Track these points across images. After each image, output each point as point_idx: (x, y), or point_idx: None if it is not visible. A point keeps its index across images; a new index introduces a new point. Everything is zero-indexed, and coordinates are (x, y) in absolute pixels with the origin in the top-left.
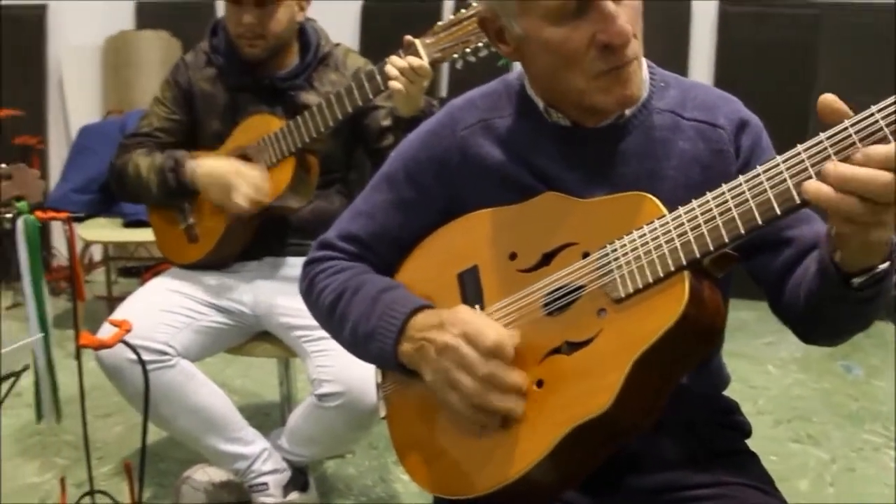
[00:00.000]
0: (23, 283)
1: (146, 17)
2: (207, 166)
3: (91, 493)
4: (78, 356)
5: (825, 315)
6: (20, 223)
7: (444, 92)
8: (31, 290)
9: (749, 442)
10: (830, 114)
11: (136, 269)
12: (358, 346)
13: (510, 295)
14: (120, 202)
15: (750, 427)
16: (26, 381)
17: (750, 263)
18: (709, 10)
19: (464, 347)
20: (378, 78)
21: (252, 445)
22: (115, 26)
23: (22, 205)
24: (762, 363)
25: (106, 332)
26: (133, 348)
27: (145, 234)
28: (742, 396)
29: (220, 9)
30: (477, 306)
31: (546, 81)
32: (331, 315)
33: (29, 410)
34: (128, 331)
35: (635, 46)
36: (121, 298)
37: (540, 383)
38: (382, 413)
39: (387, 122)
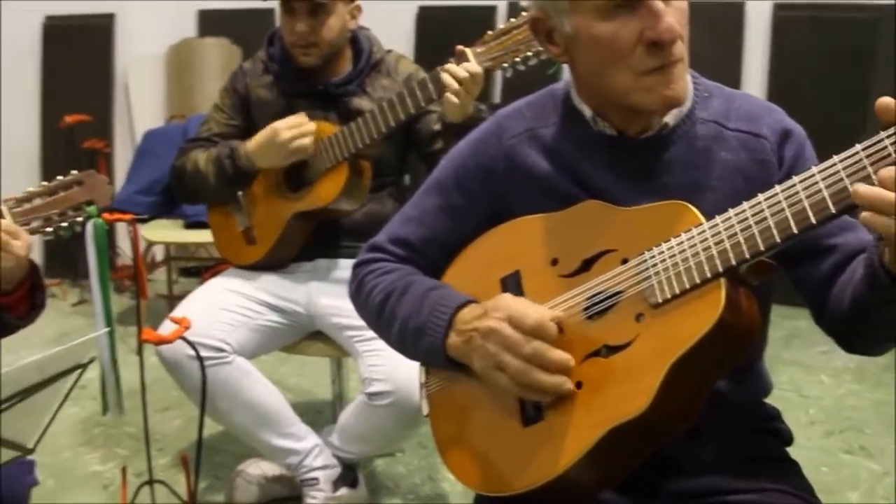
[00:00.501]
0: (91, 282)
1: (208, 25)
2: (253, 141)
3: (150, 482)
4: (140, 351)
5: (872, 320)
6: (90, 226)
7: (497, 98)
8: (98, 289)
9: (799, 452)
10: (890, 117)
11: (196, 269)
12: (406, 343)
13: (551, 299)
14: (181, 204)
15: (791, 434)
16: (91, 374)
17: (793, 273)
18: (763, 13)
19: (507, 329)
20: (431, 86)
21: (304, 441)
22: (178, 34)
23: (91, 209)
24: (815, 372)
25: (166, 328)
26: (192, 344)
27: (205, 236)
28: (794, 406)
29: (279, 17)
30: None
31: (593, 81)
32: (379, 314)
33: (93, 402)
34: (187, 328)
35: (681, 48)
36: (181, 297)
37: (579, 385)
38: (426, 411)
39: (438, 127)
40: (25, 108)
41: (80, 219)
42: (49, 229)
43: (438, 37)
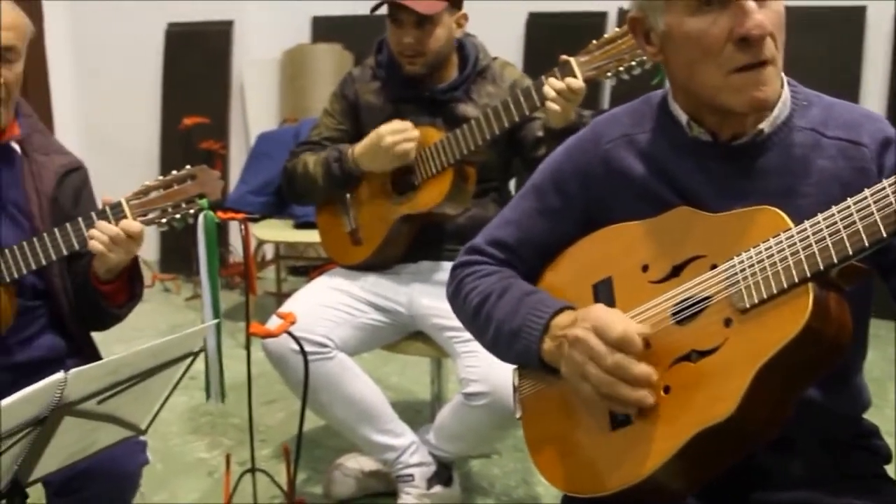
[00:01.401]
0: (200, 272)
1: (321, 31)
2: (360, 145)
3: (252, 470)
4: (247, 345)
5: None
6: (201, 218)
7: (605, 104)
8: (208, 279)
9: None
10: None
11: (304, 268)
12: (501, 345)
13: (641, 305)
14: (291, 205)
15: (890, 452)
16: (201, 366)
17: (890, 283)
18: (885, 18)
19: (592, 339)
20: (535, 95)
21: (401, 438)
22: (293, 40)
23: (203, 202)
24: None
25: (273, 323)
26: (296, 339)
27: (314, 236)
28: None
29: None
30: None
31: (685, 80)
32: (476, 316)
33: (201, 393)
34: (292, 323)
35: (772, 48)
36: (289, 295)
37: (667, 389)
38: (518, 414)
39: (541, 133)
40: (147, 110)
41: (192, 211)
42: (163, 220)
43: (548, 43)
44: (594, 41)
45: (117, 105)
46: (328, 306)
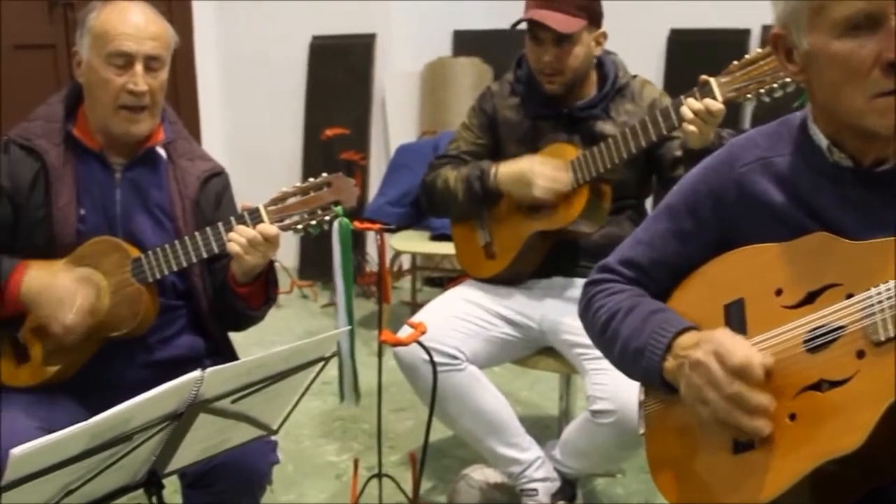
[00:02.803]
0: (335, 278)
1: (462, 45)
2: (507, 167)
3: (379, 476)
4: (379, 353)
5: None
6: (336, 225)
7: (746, 124)
8: (342, 284)
9: None
10: None
11: (439, 279)
12: (627, 362)
13: (772, 329)
14: (429, 217)
15: None
16: (333, 371)
17: None
18: None
19: (713, 364)
20: (673, 115)
21: (527, 452)
22: (433, 53)
23: (338, 209)
24: None
25: (404, 332)
26: (426, 349)
27: (450, 248)
28: None
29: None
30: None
31: (828, 102)
32: (604, 332)
33: (333, 398)
34: (422, 332)
35: None
36: (423, 305)
37: (793, 416)
38: (642, 430)
39: (679, 153)
40: (290, 121)
41: (327, 217)
42: (300, 226)
43: (689, 60)
44: (735, 62)
45: (262, 115)
46: (460, 318)
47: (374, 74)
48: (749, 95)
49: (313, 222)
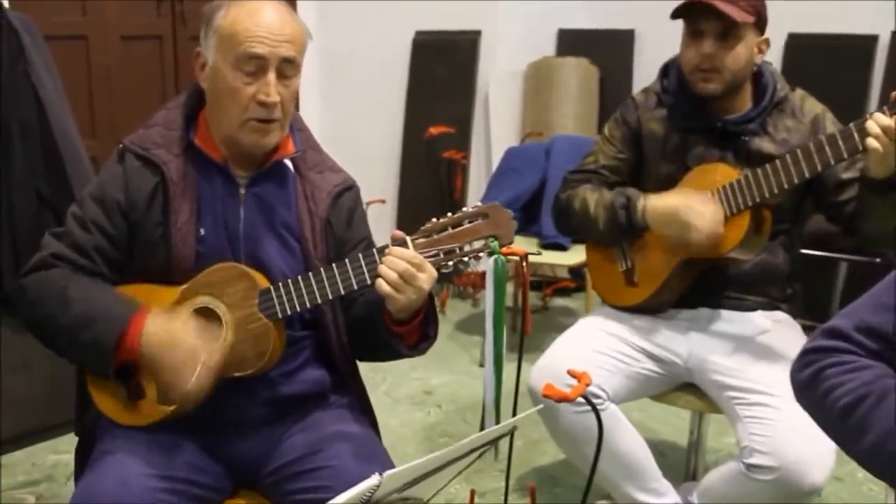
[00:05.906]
0: (486, 321)
1: (567, 45)
2: (659, 203)
3: None
4: (516, 387)
5: None
6: (491, 262)
7: None
8: (493, 329)
9: None
10: None
11: (537, 282)
12: (884, 459)
13: None
14: (539, 223)
15: None
16: (436, 380)
17: None
18: None
19: None
20: (856, 136)
21: (664, 497)
22: (538, 52)
23: (494, 244)
24: None
25: (563, 383)
26: (587, 399)
27: (558, 258)
28: None
29: (639, 37)
30: None
31: None
32: (846, 418)
33: (437, 410)
34: (587, 385)
35: None
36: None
37: None
38: None
39: (847, 175)
40: (391, 117)
41: (482, 254)
42: (450, 262)
43: (809, 67)
44: None
45: (362, 111)
46: (602, 353)
47: (479, 72)
48: None
49: (465, 259)
